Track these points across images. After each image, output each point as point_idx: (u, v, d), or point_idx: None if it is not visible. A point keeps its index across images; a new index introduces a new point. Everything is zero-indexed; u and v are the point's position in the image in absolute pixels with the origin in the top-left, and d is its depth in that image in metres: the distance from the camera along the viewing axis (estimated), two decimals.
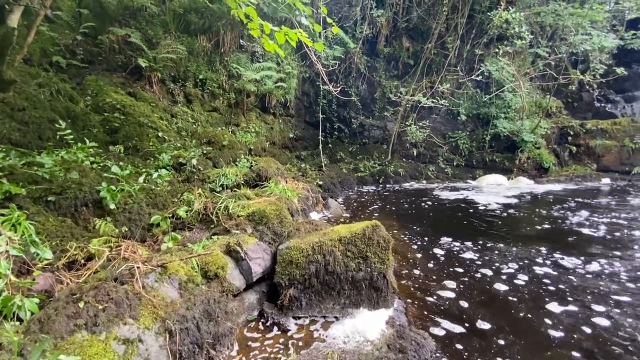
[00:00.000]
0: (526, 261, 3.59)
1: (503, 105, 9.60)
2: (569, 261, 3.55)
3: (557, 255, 3.72)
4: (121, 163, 4.13)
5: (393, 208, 6.24)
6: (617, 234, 4.44)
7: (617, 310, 2.57)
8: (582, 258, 3.62)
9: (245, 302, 2.55)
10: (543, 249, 3.91)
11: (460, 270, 3.41)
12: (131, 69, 6.70)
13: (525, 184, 8.82)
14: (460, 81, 9.70)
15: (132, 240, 2.67)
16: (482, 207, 6.16)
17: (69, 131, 3.90)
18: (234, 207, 3.61)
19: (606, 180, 9.17)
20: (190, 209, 3.56)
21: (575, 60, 10.33)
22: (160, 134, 5.65)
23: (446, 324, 2.51)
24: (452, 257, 3.77)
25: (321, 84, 8.59)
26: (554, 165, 9.76)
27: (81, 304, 1.70)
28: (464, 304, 2.77)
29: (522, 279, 3.18)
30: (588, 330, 2.38)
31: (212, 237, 2.98)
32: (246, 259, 2.56)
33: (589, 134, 10.22)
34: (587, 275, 3.24)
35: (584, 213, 5.52)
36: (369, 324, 2.44)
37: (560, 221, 5.10)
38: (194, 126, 6.71)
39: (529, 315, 2.58)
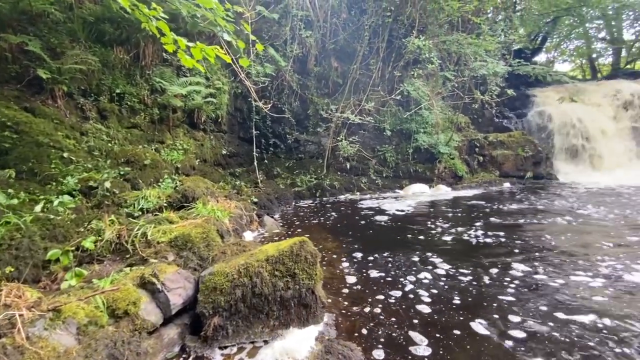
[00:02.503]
0: (439, 267, 3.95)
1: (422, 121, 10.66)
2: (470, 270, 4.00)
3: (465, 264, 4.16)
4: (10, 190, 3.53)
5: (328, 222, 6.38)
6: (516, 238, 5.16)
7: (532, 322, 2.75)
8: (483, 263, 4.11)
9: (163, 339, 2.33)
10: (460, 257, 4.34)
11: (388, 280, 3.61)
12: (29, 80, 5.84)
13: (444, 191, 9.82)
14: (383, 100, 10.53)
15: (18, 282, 2.27)
16: (406, 215, 6.66)
17: None
18: (153, 232, 3.32)
19: (507, 185, 10.74)
20: (100, 238, 3.18)
21: (477, 82, 12.01)
22: (65, 154, 4.98)
23: (375, 331, 2.61)
24: (379, 266, 3.98)
25: (252, 100, 8.54)
26: (466, 173, 11.09)
27: None
28: (391, 313, 2.93)
29: (441, 282, 3.49)
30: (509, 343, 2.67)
31: (125, 269, 2.69)
32: (163, 291, 2.36)
33: (491, 145, 11.89)
34: (489, 284, 3.68)
35: (483, 217, 6.34)
36: (298, 344, 2.42)
37: (464, 227, 5.74)
38: (110, 145, 6.06)
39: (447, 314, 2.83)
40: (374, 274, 3.72)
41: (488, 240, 4.83)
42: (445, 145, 10.55)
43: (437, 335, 2.52)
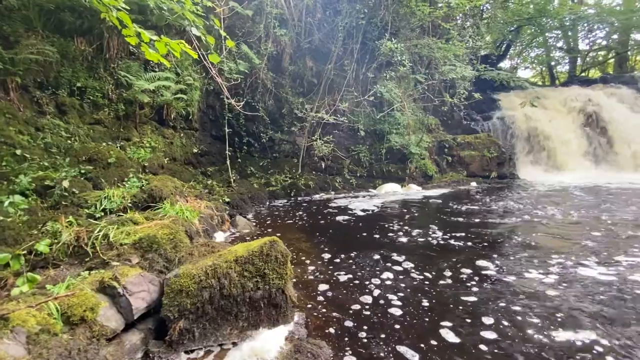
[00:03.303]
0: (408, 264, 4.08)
1: (394, 122, 10.92)
2: (430, 271, 4.16)
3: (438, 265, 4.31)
4: None
5: (301, 221, 6.38)
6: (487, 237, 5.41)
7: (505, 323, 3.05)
8: (442, 264, 4.28)
9: (125, 345, 2.23)
10: (446, 255, 4.49)
11: (358, 278, 3.67)
12: None
13: (415, 190, 10.13)
14: (357, 100, 10.68)
15: None
16: (379, 214, 6.81)
17: None
18: (116, 234, 3.17)
19: (473, 184, 11.24)
20: (56, 241, 2.99)
21: (446, 86, 12.47)
22: (18, 151, 4.63)
23: (345, 328, 2.64)
24: (351, 265, 4.03)
25: (225, 97, 8.36)
26: (436, 173, 11.49)
27: None
28: (361, 311, 2.98)
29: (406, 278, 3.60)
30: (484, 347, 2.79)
31: (84, 273, 2.55)
32: (125, 295, 2.25)
33: (459, 146, 12.40)
34: (451, 285, 3.83)
35: (449, 215, 6.60)
36: (268, 344, 2.40)
37: (432, 226, 5.95)
38: (69, 141, 5.71)
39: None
40: (345, 273, 3.77)
41: (452, 241, 4.98)
42: (416, 146, 10.87)
43: (406, 325, 2.60)
